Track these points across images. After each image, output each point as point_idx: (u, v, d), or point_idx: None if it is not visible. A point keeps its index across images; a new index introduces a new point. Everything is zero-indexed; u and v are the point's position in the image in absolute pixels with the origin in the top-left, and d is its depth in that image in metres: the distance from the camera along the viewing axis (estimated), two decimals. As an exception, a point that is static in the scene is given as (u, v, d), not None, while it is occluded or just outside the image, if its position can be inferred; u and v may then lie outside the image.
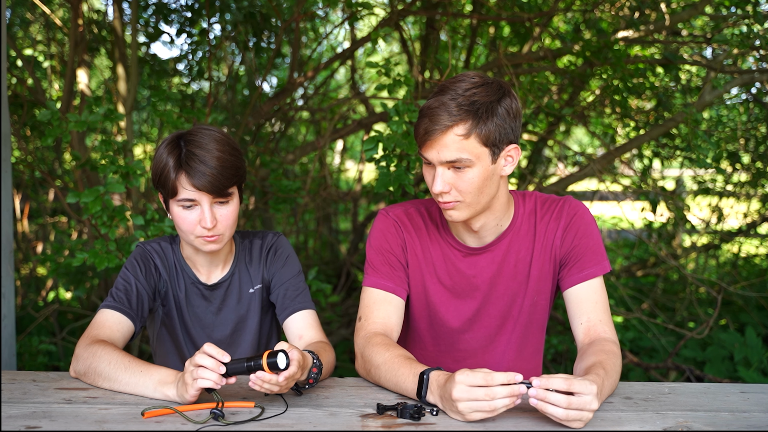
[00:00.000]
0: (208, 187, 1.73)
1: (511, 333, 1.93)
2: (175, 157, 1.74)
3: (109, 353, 1.66)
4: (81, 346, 1.73)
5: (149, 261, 1.94)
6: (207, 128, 1.80)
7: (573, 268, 1.82)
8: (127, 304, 1.84)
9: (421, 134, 1.67)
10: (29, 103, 3.98)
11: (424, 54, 4.53)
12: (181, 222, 1.79)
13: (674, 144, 4.43)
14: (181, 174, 1.73)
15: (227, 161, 1.74)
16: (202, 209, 1.76)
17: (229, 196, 1.78)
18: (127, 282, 1.87)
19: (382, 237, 1.90)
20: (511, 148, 1.71)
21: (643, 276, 5.87)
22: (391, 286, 1.86)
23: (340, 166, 7.53)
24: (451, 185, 1.68)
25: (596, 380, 1.48)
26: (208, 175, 1.71)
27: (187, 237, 1.82)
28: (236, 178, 1.78)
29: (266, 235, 2.03)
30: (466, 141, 1.63)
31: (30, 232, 5.54)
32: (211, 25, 4.24)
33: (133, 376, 1.61)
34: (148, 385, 1.59)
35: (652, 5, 3.83)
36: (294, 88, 3.89)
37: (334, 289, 5.05)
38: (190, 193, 1.74)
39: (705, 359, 4.31)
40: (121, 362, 1.64)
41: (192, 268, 1.97)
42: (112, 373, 1.63)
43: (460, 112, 1.62)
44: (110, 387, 1.65)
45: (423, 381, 1.54)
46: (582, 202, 1.89)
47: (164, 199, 1.84)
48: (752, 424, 1.49)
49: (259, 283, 1.99)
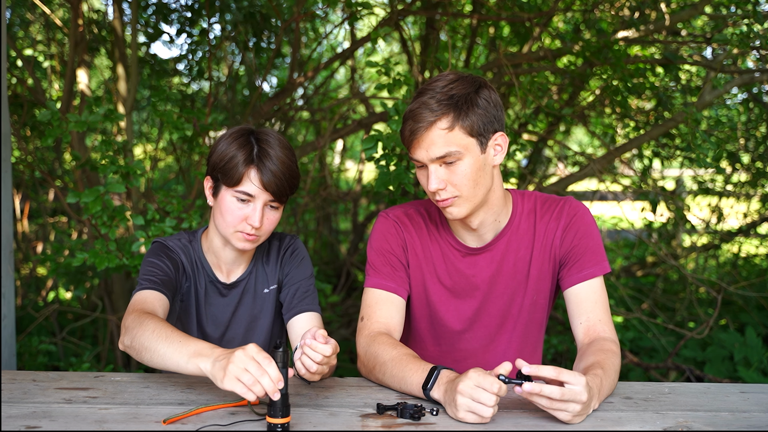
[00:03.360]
0: (273, 189, 1.77)
1: (512, 332, 1.93)
2: (248, 150, 1.78)
3: (154, 323, 1.60)
4: (129, 318, 1.66)
5: (175, 255, 1.92)
6: (274, 133, 1.85)
7: (573, 268, 1.83)
8: (160, 284, 1.81)
9: (407, 136, 1.69)
10: (29, 103, 3.98)
11: (424, 54, 4.52)
12: (228, 213, 1.80)
13: (674, 144, 4.43)
14: (252, 168, 1.77)
15: (293, 170, 1.81)
16: (255, 207, 1.79)
17: (282, 203, 1.83)
18: (154, 268, 1.84)
19: (383, 238, 1.91)
20: (498, 136, 1.73)
21: (643, 276, 5.87)
22: (392, 287, 1.87)
23: (340, 166, 7.53)
24: (445, 181, 1.69)
25: (593, 380, 1.49)
26: (277, 177, 1.77)
27: (226, 229, 1.82)
28: (295, 187, 1.84)
29: (284, 236, 2.04)
30: (451, 134, 1.66)
31: (30, 232, 5.54)
32: (211, 25, 4.24)
33: (170, 346, 1.53)
34: (183, 355, 1.49)
35: (652, 5, 3.83)
36: (294, 88, 3.89)
37: (334, 289, 5.05)
38: (254, 188, 1.77)
39: (705, 359, 4.31)
40: (163, 332, 1.56)
41: (212, 266, 1.97)
42: (152, 344, 1.56)
43: (441, 107, 1.65)
44: (150, 360, 1.57)
45: (434, 374, 1.54)
46: (582, 203, 1.90)
47: (214, 186, 1.85)
48: (752, 424, 1.49)
49: (274, 283, 2.00)
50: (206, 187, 1.90)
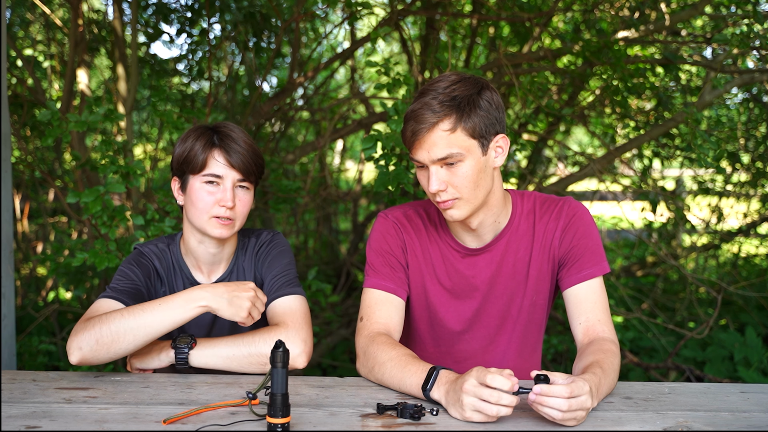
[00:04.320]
0: (240, 166, 1.80)
1: (512, 333, 1.93)
2: (207, 136, 1.81)
3: (117, 312, 1.66)
4: (80, 325, 1.68)
5: (147, 261, 1.92)
6: (232, 123, 1.87)
7: (572, 269, 1.83)
8: (123, 292, 1.82)
9: (409, 136, 1.69)
10: (29, 103, 3.98)
11: (423, 54, 4.52)
12: (199, 200, 1.81)
13: (674, 144, 4.43)
14: (215, 149, 1.80)
15: (256, 150, 1.86)
16: (225, 188, 1.80)
17: (251, 183, 1.85)
18: (122, 277, 1.86)
19: (382, 238, 1.91)
20: (499, 138, 1.73)
21: (643, 276, 5.87)
22: (391, 287, 1.87)
23: (340, 166, 7.53)
24: (446, 183, 1.69)
25: (592, 379, 1.49)
26: (242, 154, 1.80)
27: (200, 218, 1.82)
28: (261, 168, 1.86)
29: (261, 232, 2.02)
30: (453, 135, 1.65)
31: (30, 232, 5.55)
32: (211, 25, 4.24)
33: (154, 311, 1.63)
34: (177, 304, 1.64)
35: (652, 5, 3.83)
36: (294, 88, 3.89)
37: (334, 289, 5.04)
38: (221, 167, 1.80)
39: (705, 359, 4.31)
40: (135, 310, 1.65)
41: (191, 267, 1.96)
42: (130, 323, 1.63)
43: (443, 108, 1.65)
44: (132, 342, 1.64)
45: (432, 374, 1.54)
46: (582, 203, 1.90)
47: (181, 182, 1.86)
48: (752, 424, 1.49)
49: (252, 280, 1.98)
50: (174, 189, 1.90)
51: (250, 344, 1.75)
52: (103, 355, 1.66)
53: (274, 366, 1.38)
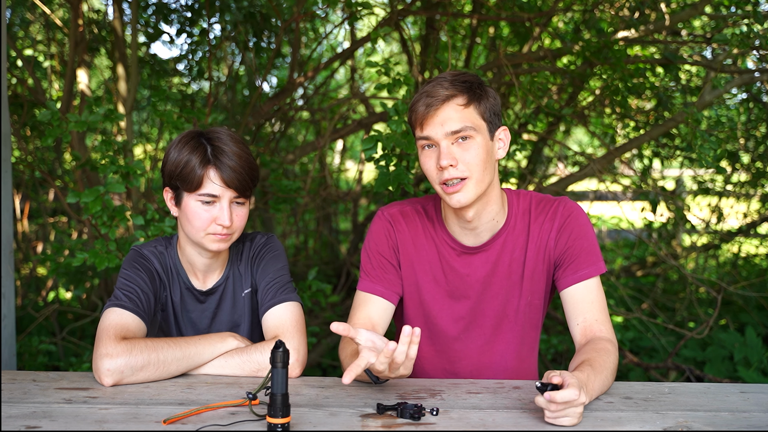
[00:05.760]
0: (236, 184, 1.76)
1: (510, 333, 1.92)
2: (201, 151, 1.76)
3: (162, 339, 1.75)
4: (113, 347, 1.67)
5: (150, 266, 1.91)
6: (223, 130, 1.82)
7: (568, 269, 1.83)
8: (138, 304, 1.80)
9: (421, 112, 1.71)
10: (29, 103, 3.98)
11: (423, 54, 4.52)
12: (195, 218, 1.78)
13: (674, 144, 4.43)
14: (210, 168, 1.75)
15: (251, 162, 1.80)
16: (222, 206, 1.77)
17: (247, 198, 1.82)
18: (132, 283, 1.84)
19: (374, 239, 1.92)
20: (502, 131, 1.80)
21: (643, 276, 5.87)
22: (380, 290, 1.89)
23: (340, 166, 7.53)
24: (457, 159, 1.71)
25: (579, 376, 1.47)
26: (237, 172, 1.76)
27: (197, 234, 1.80)
28: (256, 180, 1.83)
29: (255, 236, 2.01)
30: (466, 110, 1.71)
31: (30, 232, 5.55)
32: (211, 25, 4.24)
33: (199, 344, 1.77)
34: (214, 345, 1.78)
35: (652, 5, 3.83)
36: (294, 88, 3.89)
37: (334, 289, 5.04)
38: (216, 188, 1.76)
39: (705, 359, 4.31)
40: (178, 341, 1.75)
41: (187, 273, 1.94)
42: (176, 355, 1.72)
43: (456, 86, 1.71)
44: (175, 369, 1.74)
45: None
46: (577, 203, 1.90)
47: (175, 195, 1.83)
48: (752, 424, 1.49)
49: (248, 286, 1.97)
50: (167, 199, 1.86)
51: (242, 353, 1.81)
52: (141, 379, 1.69)
53: (274, 366, 1.38)
